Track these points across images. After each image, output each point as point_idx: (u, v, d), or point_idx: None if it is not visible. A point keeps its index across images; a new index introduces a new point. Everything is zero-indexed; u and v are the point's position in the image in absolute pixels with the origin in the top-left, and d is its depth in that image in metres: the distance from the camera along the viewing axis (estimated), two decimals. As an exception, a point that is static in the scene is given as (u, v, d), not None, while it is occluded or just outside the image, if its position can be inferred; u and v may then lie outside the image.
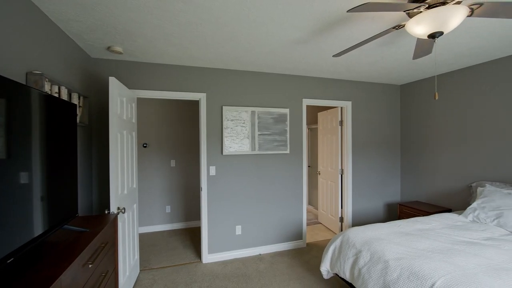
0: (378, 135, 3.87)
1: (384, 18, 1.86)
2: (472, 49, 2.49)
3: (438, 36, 1.43)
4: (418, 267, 1.59)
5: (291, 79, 3.37)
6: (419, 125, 3.70)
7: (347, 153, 3.68)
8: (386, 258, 1.77)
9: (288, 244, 3.40)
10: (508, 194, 2.39)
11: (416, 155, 3.74)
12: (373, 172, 3.85)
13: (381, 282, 1.71)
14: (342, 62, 2.89)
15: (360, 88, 3.74)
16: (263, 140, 3.20)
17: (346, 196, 3.71)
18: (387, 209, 3.94)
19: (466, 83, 3.08)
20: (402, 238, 2.03)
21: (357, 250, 2.01)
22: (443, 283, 1.43)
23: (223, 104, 3.08)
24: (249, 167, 3.19)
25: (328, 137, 4.10)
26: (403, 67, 3.09)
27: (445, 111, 3.33)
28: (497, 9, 1.36)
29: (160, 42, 2.30)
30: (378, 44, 2.39)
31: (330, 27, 2.01)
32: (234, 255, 3.15)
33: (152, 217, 4.13)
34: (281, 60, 2.81)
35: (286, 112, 3.30)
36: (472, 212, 2.51)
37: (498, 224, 2.28)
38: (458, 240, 2.00)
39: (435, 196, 3.47)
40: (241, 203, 3.18)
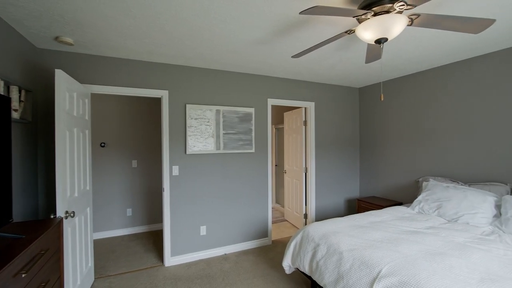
0: (339, 134, 4.08)
1: (338, 23, 1.97)
2: (418, 56, 2.74)
3: (383, 42, 1.54)
4: (368, 256, 1.71)
5: (256, 78, 3.41)
6: (375, 126, 3.97)
7: (310, 152, 3.82)
8: (341, 249, 1.88)
9: (254, 242, 3.43)
10: (447, 187, 2.67)
11: (373, 153, 4.01)
12: (335, 170, 4.04)
13: (336, 272, 1.81)
14: (304, 64, 3.00)
15: (323, 90, 3.91)
16: (228, 139, 3.18)
17: (310, 193, 3.85)
18: (347, 204, 4.17)
19: (416, 87, 3.38)
20: (356, 231, 2.16)
21: (316, 244, 2.10)
22: (388, 269, 1.55)
23: (187, 102, 3.01)
24: (214, 166, 3.16)
25: (293, 137, 4.22)
26: (359, 71, 3.29)
27: (397, 113, 3.62)
28: (432, 20, 1.52)
29: (115, 35, 2.17)
30: (335, 49, 2.51)
31: (290, 29, 2.06)
32: (199, 256, 3.09)
33: (112, 221, 3.88)
34: (245, 60, 2.82)
35: (251, 111, 3.33)
36: (418, 204, 2.76)
37: (438, 214, 2.54)
38: (404, 230, 2.18)
39: (388, 191, 3.76)
40: (205, 203, 3.13)
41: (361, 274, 1.64)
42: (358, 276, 1.65)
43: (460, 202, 2.44)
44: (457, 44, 2.43)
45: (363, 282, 1.60)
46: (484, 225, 2.23)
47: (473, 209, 2.33)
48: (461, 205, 2.42)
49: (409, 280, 1.43)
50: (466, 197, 2.44)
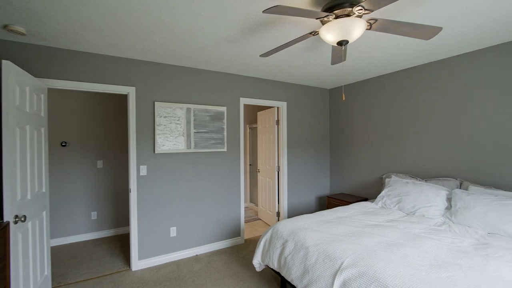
0: (310, 134, 4.20)
1: (304, 24, 2.02)
2: (381, 60, 2.91)
3: (345, 44, 1.61)
4: (331, 250, 1.78)
5: (228, 77, 3.39)
6: (344, 126, 4.14)
7: (283, 151, 3.88)
8: (307, 244, 1.93)
9: (226, 242, 3.41)
10: (407, 183, 2.86)
11: (342, 152, 4.18)
12: (306, 168, 4.15)
13: (302, 267, 1.86)
14: (275, 64, 3.04)
15: (294, 90, 4.00)
16: (199, 138, 3.13)
17: (282, 191, 3.91)
18: (318, 201, 4.30)
19: (380, 90, 3.58)
20: (323, 226, 2.23)
21: (284, 240, 2.14)
22: (349, 261, 1.63)
23: (156, 100, 2.91)
24: (185, 165, 3.09)
25: (266, 136, 4.26)
26: (328, 73, 3.42)
27: (363, 114, 3.81)
28: (388, 25, 1.62)
29: (74, 26, 2.04)
30: (304, 50, 2.58)
31: (259, 28, 2.08)
32: (169, 259, 3.00)
33: (74, 225, 3.64)
34: (216, 58, 2.80)
35: (223, 110, 3.31)
36: (381, 200, 2.93)
37: (399, 208, 2.71)
38: (367, 224, 2.30)
39: (356, 187, 3.94)
40: (176, 204, 3.05)
41: (325, 267, 1.70)
42: (322, 269, 1.71)
43: (417, 196, 2.63)
44: (415, 50, 2.61)
45: (326, 275, 1.66)
46: (437, 216, 2.43)
47: (428, 203, 2.53)
48: (418, 199, 2.60)
49: (368, 270, 1.51)
50: (422, 192, 2.63)
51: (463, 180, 2.70)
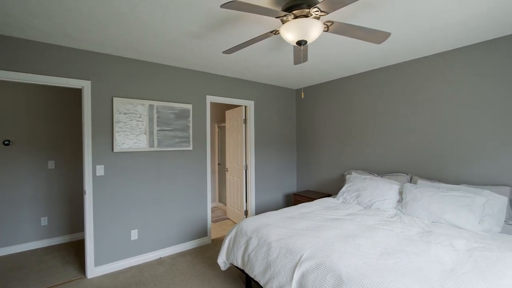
0: (278, 133, 4.28)
1: (267, 23, 2.05)
2: (342, 62, 3.06)
3: (303, 44, 1.67)
4: (292, 244, 1.83)
5: (194, 74, 3.32)
6: (309, 126, 4.29)
7: (250, 150, 3.90)
8: (270, 240, 1.96)
9: (192, 243, 3.33)
10: (365, 179, 3.05)
11: (308, 151, 4.32)
12: (274, 167, 4.22)
13: (264, 262, 1.88)
14: (242, 63, 3.05)
15: (262, 89, 4.05)
16: (163, 136, 3.02)
17: (250, 190, 3.93)
18: (285, 199, 4.40)
19: (342, 91, 3.77)
20: (286, 222, 2.29)
21: (248, 238, 2.14)
22: (309, 253, 1.68)
23: (114, 95, 2.74)
24: (147, 165, 2.96)
25: (234, 135, 4.25)
26: (294, 73, 3.51)
27: (327, 115, 3.98)
28: (344, 28, 1.71)
29: (14, 10, 1.84)
30: (269, 49, 2.62)
31: (223, 25, 2.07)
32: (130, 263, 2.85)
33: (20, 233, 3.28)
34: (181, 53, 2.72)
35: (189, 107, 3.23)
36: (342, 195, 3.08)
37: (357, 203, 2.88)
38: (328, 218, 2.41)
39: (321, 184, 4.10)
40: (137, 205, 2.90)
41: (285, 261, 1.75)
42: (283, 263, 1.75)
43: (374, 191, 2.81)
44: (371, 54, 2.79)
45: (287, 268, 1.70)
46: (390, 209, 2.62)
47: (382, 197, 2.71)
48: (374, 193, 2.79)
49: (324, 261, 1.58)
50: (378, 187, 2.82)
51: (413, 175, 2.95)
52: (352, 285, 1.37)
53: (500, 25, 2.11)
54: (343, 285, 1.40)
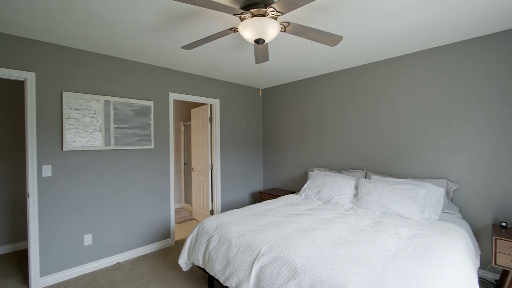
0: (244, 132, 4.30)
1: (227, 20, 2.06)
2: (304, 64, 3.17)
3: (261, 43, 1.70)
4: (252, 239, 1.85)
5: (156, 70, 3.20)
6: (275, 125, 4.38)
7: (216, 149, 3.87)
8: (230, 237, 1.96)
9: (154, 246, 3.20)
10: (325, 176, 3.20)
11: (274, 149, 4.41)
12: (240, 166, 4.23)
13: (224, 259, 1.88)
14: (206, 60, 3.01)
15: (228, 88, 4.03)
16: (121, 133, 2.86)
17: (216, 189, 3.89)
18: (252, 197, 4.44)
19: (305, 92, 3.91)
20: (248, 219, 2.31)
21: (209, 236, 2.12)
22: (267, 248, 1.72)
23: (64, 89, 2.53)
24: (103, 164, 2.77)
25: (200, 133, 4.18)
26: (259, 72, 3.56)
27: (292, 114, 4.10)
28: (300, 30, 1.78)
29: None
30: (232, 47, 2.63)
31: (183, 19, 2.02)
32: (83, 270, 2.64)
33: None
34: (140, 48, 2.60)
35: (150, 104, 3.10)
36: (304, 192, 3.20)
37: (318, 198, 3.01)
38: (289, 214, 2.48)
39: (286, 182, 4.21)
40: (92, 208, 2.71)
41: (245, 256, 1.76)
42: (242, 259, 1.76)
43: (332, 186, 2.96)
44: (330, 57, 2.94)
45: (246, 264, 1.72)
46: (347, 203, 2.78)
47: (340, 192, 2.87)
48: (333, 189, 2.94)
49: (281, 254, 1.62)
50: (336, 183, 2.98)
51: (368, 171, 3.17)
52: (305, 274, 1.44)
53: (445, 34, 2.36)
54: (297, 275, 1.46)
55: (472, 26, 2.18)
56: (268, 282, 1.55)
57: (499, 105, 2.31)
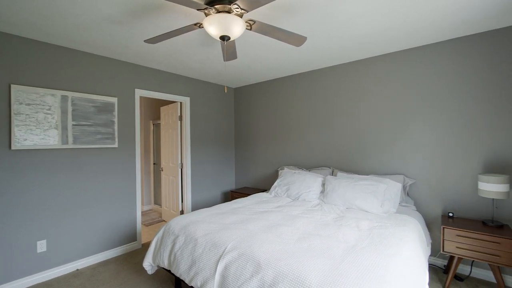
0: (215, 131, 4.26)
1: (194, 16, 2.02)
2: (274, 64, 3.22)
3: (227, 40, 1.70)
4: (218, 238, 1.84)
5: (121, 65, 3.04)
6: (247, 124, 4.39)
7: (186, 148, 3.78)
8: (196, 236, 1.93)
9: (119, 250, 3.04)
10: (294, 173, 3.27)
11: (246, 148, 4.42)
12: (211, 165, 4.18)
13: (190, 259, 1.84)
14: (174, 56, 2.93)
15: (198, 86, 3.96)
16: (80, 131, 2.68)
17: (186, 189, 3.81)
18: (223, 197, 4.41)
19: (277, 91, 3.97)
20: (216, 217, 2.29)
21: (175, 236, 2.07)
22: (232, 245, 1.72)
23: (13, 82, 2.31)
24: (60, 164, 2.58)
25: (169, 132, 4.06)
26: (230, 71, 3.55)
27: (263, 114, 4.14)
28: (266, 28, 1.80)
29: None
30: (200, 44, 2.59)
31: (147, 12, 1.95)
32: (36, 280, 2.43)
33: None
34: (100, 40, 2.46)
35: (113, 101, 2.94)
36: (274, 189, 3.24)
37: (287, 195, 3.07)
38: (258, 211, 2.50)
39: (257, 181, 4.25)
40: (46, 212, 2.50)
41: (210, 255, 1.74)
42: (208, 258, 1.74)
43: (301, 184, 3.04)
44: (297, 58, 3.01)
45: (211, 262, 1.70)
46: (314, 199, 2.87)
47: (308, 188, 2.96)
48: (301, 186, 3.02)
49: (246, 251, 1.63)
50: (304, 180, 3.06)
51: (334, 168, 3.30)
52: (268, 269, 1.46)
53: (402, 40, 2.54)
54: (261, 271, 1.47)
55: (425, 33, 2.37)
56: (232, 279, 1.55)
57: (449, 107, 2.54)
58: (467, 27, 2.25)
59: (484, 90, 2.36)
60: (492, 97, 2.32)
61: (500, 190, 2.07)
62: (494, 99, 2.31)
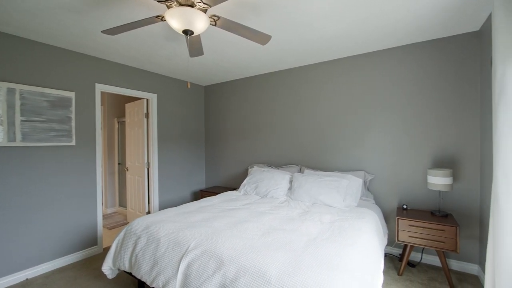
0: (185, 129, 4.16)
1: (158, 8, 1.96)
2: (242, 62, 3.23)
3: (190, 34, 1.67)
4: (181, 236, 1.80)
5: (79, 57, 2.84)
6: (217, 122, 4.36)
7: (153, 146, 3.64)
8: (159, 236, 1.87)
9: (77, 255, 2.84)
10: (263, 171, 3.31)
11: (217, 147, 4.38)
12: (180, 164, 4.08)
13: (152, 260, 1.78)
14: (138, 50, 2.81)
15: (166, 83, 3.84)
16: (30, 128, 2.46)
17: (153, 189, 3.67)
18: (193, 197, 4.32)
19: (247, 90, 3.98)
20: (182, 216, 2.23)
21: (137, 237, 1.98)
22: (196, 243, 1.69)
23: None
24: (7, 164, 2.34)
25: (135, 130, 3.88)
26: (199, 68, 3.49)
27: (234, 112, 4.14)
28: (230, 25, 1.80)
29: None
30: (166, 38, 2.51)
31: (106, 2, 1.85)
32: (-25, 293, 2.18)
33: None
34: (54, 29, 2.28)
35: (70, 96, 2.74)
36: (243, 187, 3.25)
37: (256, 193, 3.10)
38: (225, 209, 2.49)
39: (229, 179, 4.23)
40: (-11, 216, 2.26)
41: (173, 254, 1.70)
42: (170, 257, 1.70)
43: (269, 181, 3.09)
44: (265, 58, 3.06)
45: (174, 261, 1.66)
46: (282, 196, 2.93)
47: (276, 186, 3.01)
48: (270, 183, 3.06)
49: (209, 248, 1.62)
50: (273, 177, 3.12)
51: (302, 165, 3.40)
52: (230, 264, 1.46)
53: (365, 44, 2.68)
54: (223, 266, 1.47)
55: (386, 38, 2.54)
56: (195, 277, 1.53)
57: (404, 108, 2.74)
58: (419, 34, 2.46)
59: (434, 93, 2.59)
60: (441, 100, 2.56)
61: (445, 183, 2.29)
62: (442, 101, 2.55)
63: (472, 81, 2.42)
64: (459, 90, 2.47)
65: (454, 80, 2.49)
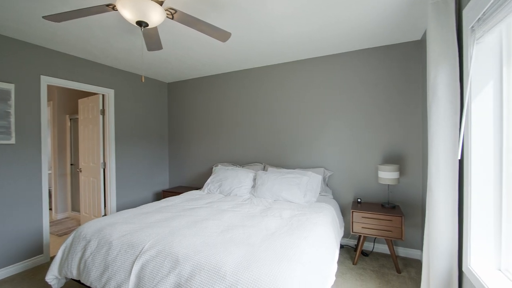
0: (146, 127, 3.97)
1: (111, -1, 1.85)
2: (206, 59, 3.18)
3: (144, 26, 1.60)
4: (136, 238, 1.71)
5: (20, 46, 2.56)
6: (181, 120, 4.23)
7: (110, 145, 3.42)
8: (112, 239, 1.76)
9: (19, 266, 2.55)
10: (227, 170, 3.30)
11: (180, 146, 4.25)
12: (141, 164, 3.88)
13: (102, 265, 1.67)
14: (93, 42, 2.61)
15: (125, 78, 3.64)
16: (-43, 123, 2.15)
17: (110, 191, 3.44)
18: (155, 197, 4.14)
19: (212, 88, 3.93)
20: (139, 217, 2.13)
21: (87, 241, 1.85)
22: (150, 244, 1.63)
23: None
24: None
25: (89, 128, 3.60)
26: (161, 65, 3.36)
27: (198, 111, 4.06)
28: (188, 19, 1.77)
29: None
30: (124, 31, 2.38)
31: (47, -15, 1.69)
32: None
33: None
34: (-13, 12, 2.02)
35: (9, 88, 2.45)
36: (207, 186, 3.21)
37: (220, 192, 3.08)
38: (186, 208, 2.43)
39: (193, 179, 4.13)
40: None
41: (126, 256, 1.61)
42: (123, 260, 1.61)
43: (233, 180, 3.09)
44: (231, 57, 3.05)
45: (126, 264, 1.58)
46: (245, 194, 2.95)
47: (240, 184, 3.02)
48: (233, 182, 3.06)
49: (165, 248, 1.57)
50: (237, 176, 3.12)
51: (266, 163, 3.46)
52: (186, 263, 1.43)
53: (325, 47, 2.81)
54: (179, 265, 1.44)
55: (341, 44, 2.69)
56: (149, 278, 1.46)
57: (358, 109, 2.94)
58: (371, 41, 2.65)
59: (382, 96, 2.81)
60: (389, 102, 2.79)
61: (393, 177, 2.51)
62: (390, 103, 2.78)
63: (414, 85, 2.68)
64: (404, 93, 2.72)
65: (400, 84, 2.74)
